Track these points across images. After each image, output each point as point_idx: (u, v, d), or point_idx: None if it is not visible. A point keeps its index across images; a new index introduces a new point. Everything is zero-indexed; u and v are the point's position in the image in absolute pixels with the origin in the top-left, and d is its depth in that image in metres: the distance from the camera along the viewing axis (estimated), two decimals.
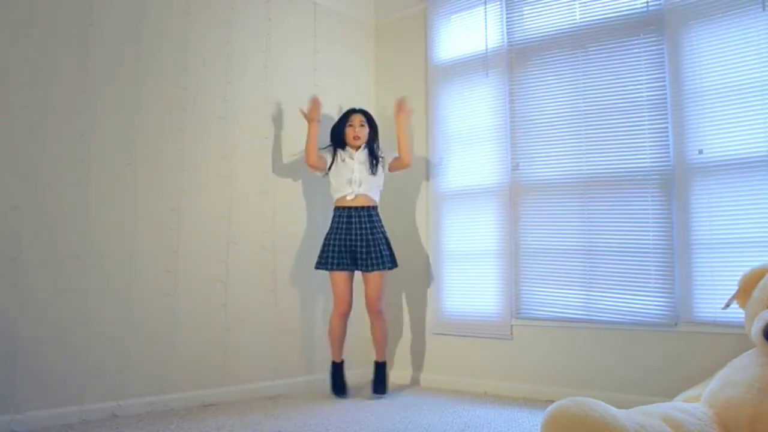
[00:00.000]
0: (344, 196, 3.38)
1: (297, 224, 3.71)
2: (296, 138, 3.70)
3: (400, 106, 3.55)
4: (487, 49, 3.67)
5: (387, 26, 4.27)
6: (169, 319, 3.10)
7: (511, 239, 3.48)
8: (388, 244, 3.41)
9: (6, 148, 2.66)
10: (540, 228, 3.39)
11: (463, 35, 3.85)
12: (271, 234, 3.56)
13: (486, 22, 3.69)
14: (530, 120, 3.47)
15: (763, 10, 2.75)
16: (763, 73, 2.74)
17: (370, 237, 3.32)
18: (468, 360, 3.63)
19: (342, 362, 3.46)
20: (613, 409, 1.75)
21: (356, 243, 3.33)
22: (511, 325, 3.46)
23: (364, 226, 3.35)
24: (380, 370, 3.46)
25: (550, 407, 1.78)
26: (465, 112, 3.77)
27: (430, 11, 3.98)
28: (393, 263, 3.40)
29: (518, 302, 3.45)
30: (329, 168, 3.47)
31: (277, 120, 3.65)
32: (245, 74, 3.53)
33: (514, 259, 3.47)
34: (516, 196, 3.49)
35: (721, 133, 2.84)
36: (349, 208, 3.37)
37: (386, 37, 4.27)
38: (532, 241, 3.42)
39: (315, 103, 3.50)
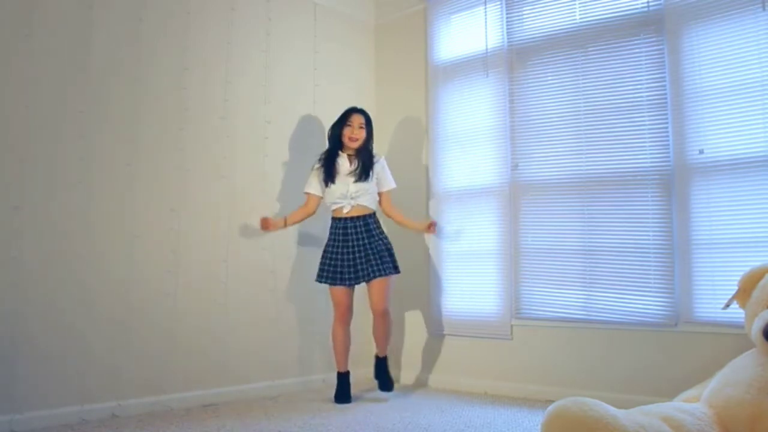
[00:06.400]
0: (340, 208, 3.32)
1: (297, 224, 3.70)
2: (294, 137, 3.70)
3: (431, 228, 3.61)
4: (487, 49, 3.67)
5: (387, 26, 4.27)
6: (169, 320, 3.10)
7: (511, 239, 3.48)
8: (388, 250, 3.33)
9: (6, 148, 2.66)
10: (540, 228, 3.39)
11: (463, 35, 3.84)
12: (271, 234, 3.56)
13: (486, 22, 3.69)
14: (530, 120, 3.47)
15: (763, 10, 2.75)
16: (763, 73, 2.74)
17: (368, 246, 3.27)
18: (468, 360, 3.63)
19: (347, 373, 3.34)
20: (613, 409, 1.76)
21: (355, 254, 3.26)
22: (511, 325, 3.46)
23: (361, 236, 3.29)
24: (381, 364, 3.39)
25: (550, 407, 1.79)
26: (465, 112, 3.76)
27: (430, 11, 3.98)
28: (395, 269, 3.32)
29: (518, 302, 3.44)
30: (326, 186, 3.37)
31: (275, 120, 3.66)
32: (245, 74, 3.53)
33: (514, 259, 3.47)
34: (516, 196, 3.49)
35: (721, 133, 2.84)
36: (345, 218, 3.31)
37: (386, 37, 4.27)
38: (532, 241, 3.42)
39: (265, 225, 3.39)
